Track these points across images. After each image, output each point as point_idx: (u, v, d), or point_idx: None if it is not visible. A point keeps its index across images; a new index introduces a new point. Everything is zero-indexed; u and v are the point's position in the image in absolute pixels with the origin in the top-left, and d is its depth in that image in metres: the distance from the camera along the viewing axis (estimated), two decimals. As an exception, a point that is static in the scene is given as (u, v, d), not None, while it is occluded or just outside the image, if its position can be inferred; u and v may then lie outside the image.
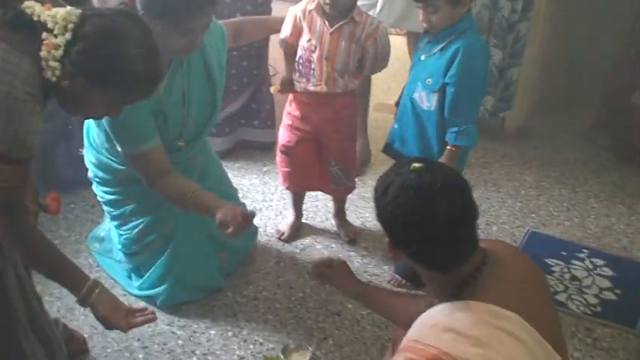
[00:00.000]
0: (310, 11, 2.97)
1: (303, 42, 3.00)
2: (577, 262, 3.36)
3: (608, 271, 3.31)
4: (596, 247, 3.52)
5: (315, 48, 2.96)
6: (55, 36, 1.79)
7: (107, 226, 3.12)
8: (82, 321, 2.79)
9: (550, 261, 3.34)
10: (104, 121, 2.55)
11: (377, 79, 4.23)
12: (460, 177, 1.77)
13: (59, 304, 2.87)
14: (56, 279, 2.10)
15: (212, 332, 2.79)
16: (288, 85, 3.07)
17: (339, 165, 3.25)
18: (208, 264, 3.01)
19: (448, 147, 2.79)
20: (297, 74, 3.07)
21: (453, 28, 2.71)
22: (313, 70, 3.00)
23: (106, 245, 3.11)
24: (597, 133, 4.77)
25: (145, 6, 2.42)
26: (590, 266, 3.34)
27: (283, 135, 3.25)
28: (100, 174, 2.87)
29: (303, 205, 3.56)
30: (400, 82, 3.42)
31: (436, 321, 1.63)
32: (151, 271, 2.92)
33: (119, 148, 2.61)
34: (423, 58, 2.85)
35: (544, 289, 1.85)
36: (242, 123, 4.24)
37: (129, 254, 2.96)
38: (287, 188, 3.43)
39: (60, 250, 2.10)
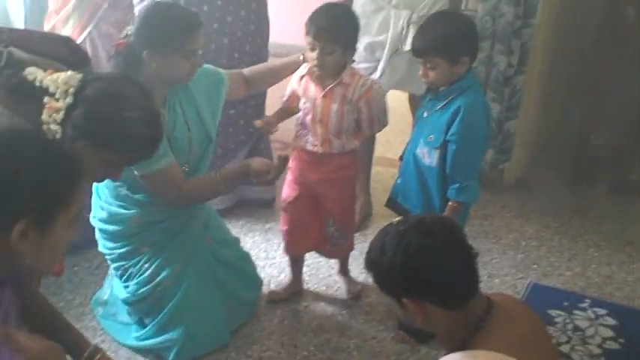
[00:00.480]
0: (303, 76, 3.05)
1: (301, 104, 3.06)
2: (579, 312, 3.37)
3: (611, 321, 3.31)
4: (598, 297, 3.53)
5: (309, 111, 3.02)
6: (57, 100, 1.84)
7: (109, 290, 3.15)
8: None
9: (552, 312, 3.35)
10: None
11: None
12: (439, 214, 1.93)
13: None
14: (59, 342, 2.12)
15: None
16: (270, 125, 3.06)
17: (336, 225, 3.26)
18: (218, 312, 3.04)
19: (450, 203, 2.83)
20: (297, 133, 3.13)
21: (454, 86, 2.77)
22: (309, 132, 3.05)
23: (109, 309, 3.13)
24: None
25: (146, 44, 2.59)
26: (593, 316, 3.35)
27: (284, 191, 3.29)
28: (111, 228, 2.91)
29: (306, 262, 3.54)
30: (399, 136, 3.48)
31: None
32: (160, 315, 2.93)
33: (138, 172, 2.66)
34: (425, 115, 2.91)
35: (550, 341, 1.89)
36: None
37: (136, 301, 2.96)
38: (286, 251, 3.43)
39: (61, 315, 2.14)
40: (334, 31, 2.85)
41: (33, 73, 1.88)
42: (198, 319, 2.95)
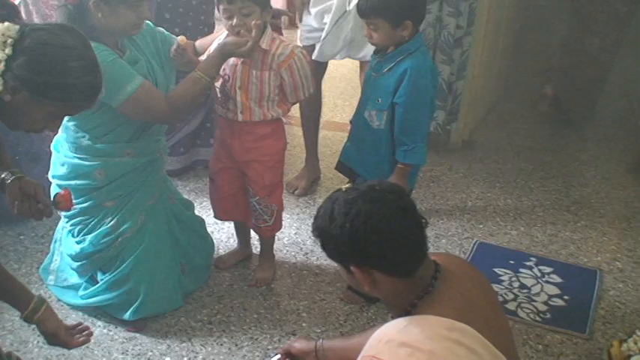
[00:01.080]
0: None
1: (221, 72, 2.99)
2: (525, 271, 3.43)
3: (556, 278, 3.38)
4: (544, 255, 3.59)
5: (229, 78, 2.97)
6: None
7: (58, 258, 3.10)
8: (35, 354, 2.77)
9: (499, 270, 3.40)
10: None
11: (324, 97, 4.27)
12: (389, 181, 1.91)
13: (12, 337, 2.84)
14: (1, 296, 2.13)
15: (167, 359, 2.78)
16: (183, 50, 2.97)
17: (257, 197, 3.15)
18: (173, 272, 3.04)
19: (398, 165, 2.85)
20: (218, 101, 3.10)
21: (401, 49, 2.77)
22: (230, 99, 2.99)
23: (60, 275, 3.09)
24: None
25: None
26: (539, 274, 3.41)
27: (211, 160, 3.28)
28: (73, 183, 2.84)
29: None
30: (347, 100, 3.46)
31: (391, 336, 1.64)
32: (117, 270, 2.91)
33: (115, 104, 2.64)
34: (373, 77, 2.91)
35: (495, 299, 1.90)
36: (198, 143, 4.28)
37: (93, 253, 2.91)
38: (215, 217, 3.40)
39: (4, 268, 2.11)
40: None
41: None
42: (155, 277, 2.94)
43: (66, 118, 2.62)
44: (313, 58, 3.74)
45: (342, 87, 3.79)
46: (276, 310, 3.10)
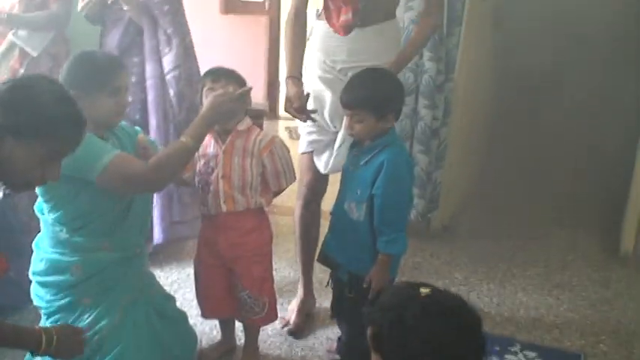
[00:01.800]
0: None
1: (199, 168, 3.04)
2: (510, 357, 3.42)
3: (542, 363, 3.38)
4: (528, 340, 3.59)
5: (213, 170, 3.00)
6: None
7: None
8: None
9: (484, 358, 3.38)
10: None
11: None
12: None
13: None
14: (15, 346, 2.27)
15: None
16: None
17: (247, 290, 3.12)
18: None
19: (379, 255, 2.84)
20: (199, 200, 3.11)
21: (377, 142, 2.82)
22: (212, 192, 3.00)
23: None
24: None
25: (71, 84, 2.56)
26: (523, 359, 3.40)
27: (196, 254, 3.25)
28: (51, 279, 2.83)
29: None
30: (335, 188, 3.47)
31: None
32: None
33: (92, 177, 2.59)
34: (351, 169, 2.94)
35: None
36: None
37: None
38: (202, 316, 3.37)
39: (9, 325, 2.23)
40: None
41: None
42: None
43: (46, 211, 2.69)
44: (324, 171, 3.41)
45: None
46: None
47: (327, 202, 3.18)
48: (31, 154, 1.98)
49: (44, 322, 2.94)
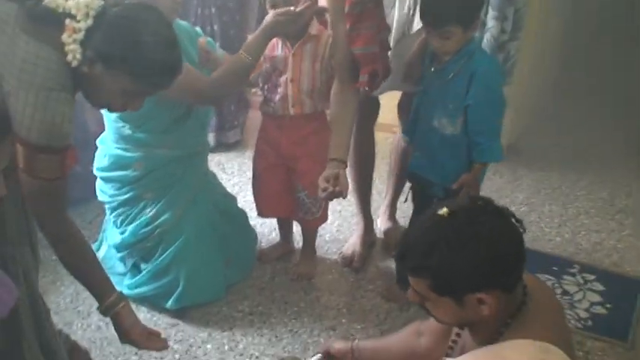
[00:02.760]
0: None
1: (266, 69, 3.01)
2: (568, 278, 3.41)
3: (599, 286, 3.35)
4: (587, 263, 3.56)
5: (280, 73, 2.97)
6: (78, 21, 1.88)
7: (105, 247, 3.16)
8: (79, 335, 2.82)
9: (542, 276, 3.37)
10: None
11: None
12: (472, 195, 1.84)
13: (57, 318, 2.88)
14: (85, 280, 2.20)
15: (208, 346, 2.81)
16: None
17: (307, 190, 3.14)
18: (216, 264, 3.08)
19: (475, 164, 2.80)
20: (264, 99, 3.10)
21: (462, 52, 2.70)
22: (280, 94, 2.99)
23: (106, 263, 3.13)
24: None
25: None
26: (581, 281, 3.38)
27: (255, 158, 3.27)
28: (114, 175, 2.93)
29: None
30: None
31: None
32: (158, 260, 2.96)
33: None
34: (436, 85, 2.80)
35: (564, 315, 1.86)
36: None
37: (134, 243, 2.98)
38: (259, 215, 3.41)
39: (95, 254, 2.22)
40: None
41: (53, 0, 1.90)
42: (196, 267, 2.97)
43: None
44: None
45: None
46: (316, 304, 3.12)
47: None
48: (117, 85, 1.96)
49: (109, 217, 3.03)
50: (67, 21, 1.88)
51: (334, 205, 3.80)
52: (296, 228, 3.50)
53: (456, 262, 1.56)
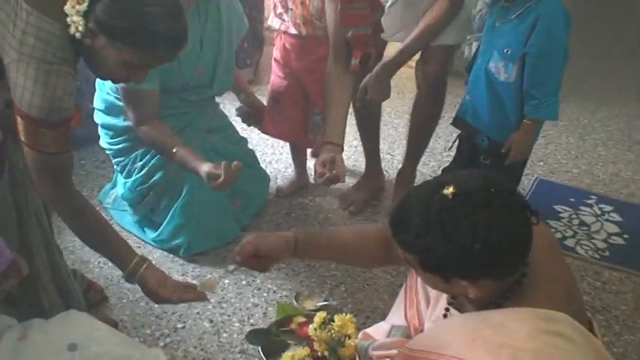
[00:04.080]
0: None
1: None
2: (585, 208, 3.39)
3: (617, 217, 3.34)
4: (605, 194, 3.54)
5: None
6: None
7: (118, 187, 3.16)
8: (96, 273, 2.83)
9: (558, 207, 3.37)
10: None
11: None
12: (479, 171, 1.60)
13: (73, 257, 2.90)
14: (102, 250, 2.18)
15: (226, 281, 2.82)
16: None
17: (322, 114, 3.16)
18: (224, 209, 3.04)
19: (525, 120, 2.66)
20: (278, 15, 3.09)
21: None
22: (291, 10, 3.01)
23: (119, 201, 3.15)
24: None
25: None
26: (599, 212, 3.37)
27: (272, 80, 3.27)
28: (109, 121, 2.91)
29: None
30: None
31: (486, 336, 1.48)
32: (167, 219, 2.95)
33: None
34: (497, 24, 2.66)
35: (564, 260, 1.75)
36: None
37: (134, 198, 2.99)
38: (267, 132, 3.38)
39: (107, 222, 2.18)
40: None
41: None
42: (204, 216, 2.96)
43: None
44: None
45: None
46: (333, 239, 3.11)
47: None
48: (120, 58, 1.90)
49: (114, 162, 3.02)
50: None
51: (350, 140, 3.79)
52: (309, 163, 3.49)
53: (447, 250, 1.46)
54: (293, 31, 3.03)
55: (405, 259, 1.60)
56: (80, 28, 1.84)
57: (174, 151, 2.60)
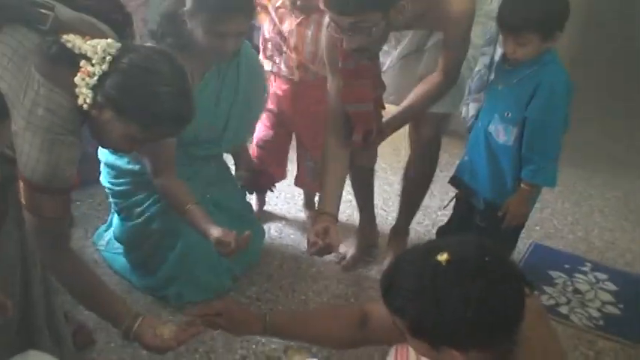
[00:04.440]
0: (278, 7, 3.09)
1: (272, 37, 3.12)
2: (580, 276, 3.36)
3: (611, 286, 3.31)
4: (600, 262, 3.52)
5: (286, 40, 3.07)
6: (93, 65, 1.83)
7: (112, 229, 3.13)
8: (86, 315, 2.78)
9: (553, 273, 3.34)
10: None
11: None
12: (477, 238, 1.58)
13: (64, 297, 2.85)
14: (95, 309, 2.17)
15: (215, 332, 2.77)
16: None
17: (314, 159, 3.32)
18: (217, 263, 2.99)
19: (522, 185, 2.67)
20: (269, 57, 3.16)
21: (535, 59, 2.55)
22: (284, 60, 3.10)
23: (112, 243, 3.12)
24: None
25: (189, 12, 2.52)
26: (594, 280, 3.34)
27: (260, 128, 3.32)
28: (113, 160, 2.91)
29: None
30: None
31: None
32: (160, 269, 2.93)
33: None
34: (500, 87, 2.69)
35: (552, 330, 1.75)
36: None
37: (131, 243, 2.98)
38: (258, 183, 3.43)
39: (102, 282, 2.17)
40: None
41: (71, 40, 1.85)
42: (197, 269, 2.93)
43: None
44: None
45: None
46: (324, 293, 3.09)
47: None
48: (125, 132, 1.90)
49: (112, 203, 3.01)
50: (82, 62, 1.83)
51: (345, 195, 3.74)
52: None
53: (437, 317, 1.43)
54: (286, 73, 3.11)
55: (394, 323, 1.57)
56: (88, 101, 1.84)
57: (187, 207, 2.61)
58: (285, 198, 3.79)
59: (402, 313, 1.50)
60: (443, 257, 1.44)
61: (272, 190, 3.47)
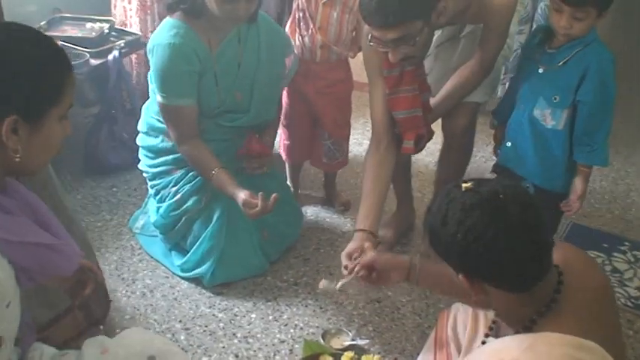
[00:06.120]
0: None
1: (297, 16, 3.13)
2: (618, 255, 3.33)
3: (650, 264, 3.28)
4: (638, 240, 3.48)
5: (310, 20, 3.07)
6: None
7: (149, 214, 3.17)
8: (123, 302, 2.83)
9: (591, 253, 3.31)
10: (151, 67, 2.77)
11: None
12: (517, 183, 1.64)
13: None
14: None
15: (253, 316, 2.80)
16: None
17: (332, 139, 3.39)
18: (252, 241, 3.02)
19: (582, 167, 2.63)
20: (299, 30, 3.16)
21: (578, 40, 2.49)
22: (308, 40, 3.12)
23: (148, 227, 3.16)
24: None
25: None
26: (632, 259, 3.31)
27: (284, 107, 3.36)
28: (148, 142, 2.99)
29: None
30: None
31: (515, 355, 1.44)
32: (196, 246, 2.96)
33: (158, 98, 2.76)
34: (541, 70, 2.60)
35: (613, 303, 1.73)
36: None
37: (166, 225, 3.02)
38: (287, 160, 3.55)
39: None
40: None
41: None
42: (231, 245, 2.95)
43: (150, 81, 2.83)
44: None
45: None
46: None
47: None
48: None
49: (149, 186, 3.04)
50: None
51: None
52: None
53: (441, 233, 1.54)
54: (307, 57, 3.15)
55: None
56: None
57: (213, 172, 2.72)
58: (322, 182, 3.78)
59: (427, 229, 1.63)
60: (466, 185, 1.55)
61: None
